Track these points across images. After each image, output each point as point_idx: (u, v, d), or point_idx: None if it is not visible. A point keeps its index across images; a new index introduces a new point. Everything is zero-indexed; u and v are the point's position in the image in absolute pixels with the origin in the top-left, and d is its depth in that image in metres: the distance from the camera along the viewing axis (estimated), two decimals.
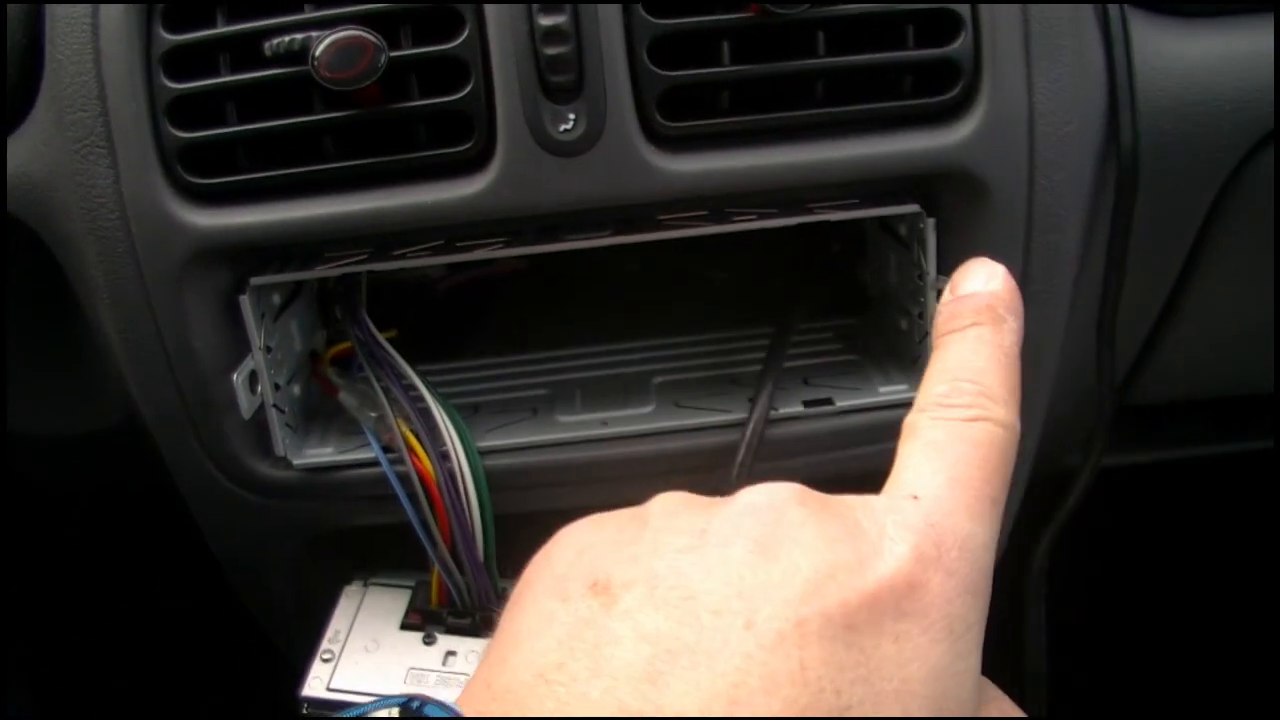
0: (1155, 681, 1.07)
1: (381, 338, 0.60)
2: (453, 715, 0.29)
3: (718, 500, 0.36)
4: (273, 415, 0.58)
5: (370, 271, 0.65)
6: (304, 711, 0.58)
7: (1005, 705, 0.36)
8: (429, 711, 0.28)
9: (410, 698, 0.29)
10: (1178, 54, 0.60)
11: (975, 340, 0.41)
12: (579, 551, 0.35)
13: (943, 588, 0.32)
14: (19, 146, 0.59)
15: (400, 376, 0.58)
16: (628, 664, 0.30)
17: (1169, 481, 0.94)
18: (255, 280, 0.56)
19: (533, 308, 0.74)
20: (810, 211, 0.56)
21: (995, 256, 0.55)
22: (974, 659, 0.32)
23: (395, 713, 0.30)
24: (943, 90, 0.55)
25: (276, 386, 0.59)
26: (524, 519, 0.60)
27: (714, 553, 0.32)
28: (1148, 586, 1.07)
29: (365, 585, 0.63)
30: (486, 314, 0.74)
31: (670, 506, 0.36)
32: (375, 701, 0.37)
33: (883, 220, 0.63)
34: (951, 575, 0.32)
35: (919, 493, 0.35)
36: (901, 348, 0.63)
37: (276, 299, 0.60)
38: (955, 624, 0.31)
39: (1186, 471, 0.84)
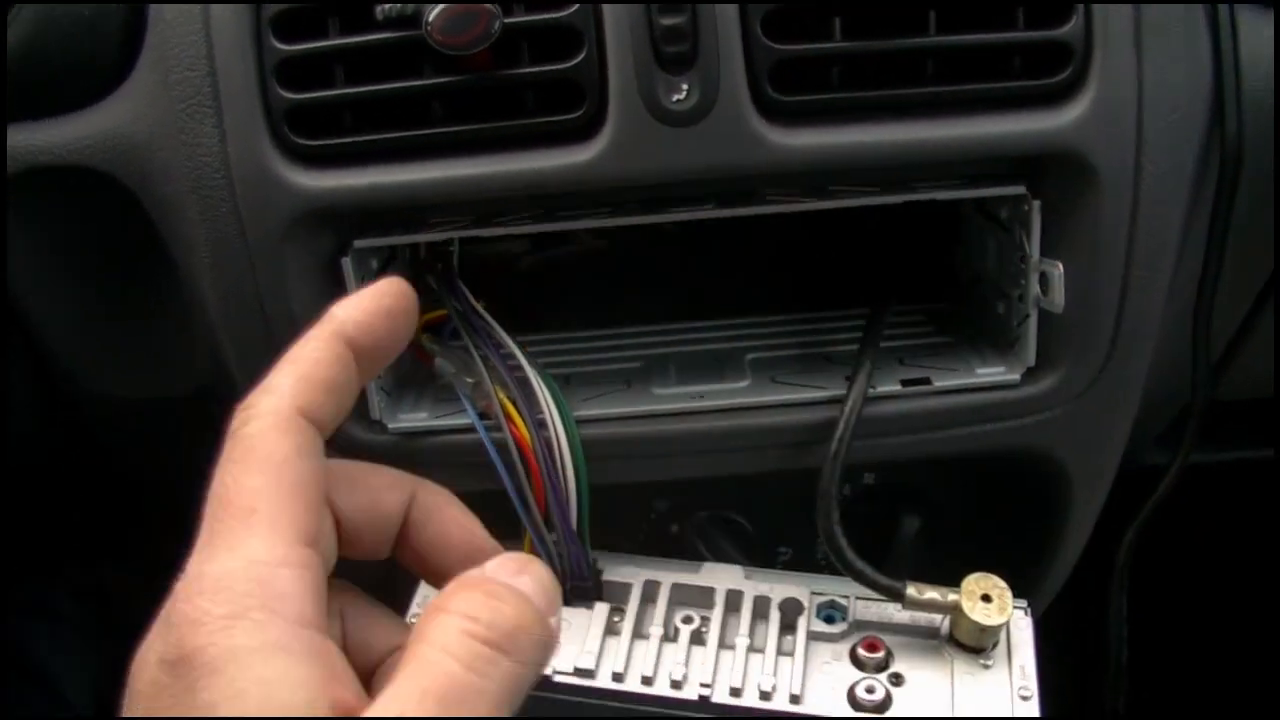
0: (1234, 676, 1.07)
1: (479, 306, 0.60)
2: None
3: None
4: None
5: (459, 246, 0.65)
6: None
7: None
8: None
9: None
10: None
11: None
12: None
13: None
14: (118, 107, 0.60)
15: (498, 345, 0.58)
16: None
17: (1252, 479, 0.94)
18: (359, 243, 0.56)
19: (617, 286, 0.74)
20: (913, 190, 0.56)
21: (1100, 245, 0.56)
22: None
23: None
24: (1053, 72, 0.54)
25: None
26: (612, 492, 0.60)
27: None
28: (1229, 582, 1.07)
29: None
30: (570, 291, 0.74)
31: None
32: None
33: (981, 204, 0.63)
34: None
35: None
36: (998, 331, 0.63)
37: (374, 263, 0.61)
38: None
39: (1269, 471, 0.83)
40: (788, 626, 0.58)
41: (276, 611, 0.33)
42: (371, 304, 0.42)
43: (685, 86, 0.52)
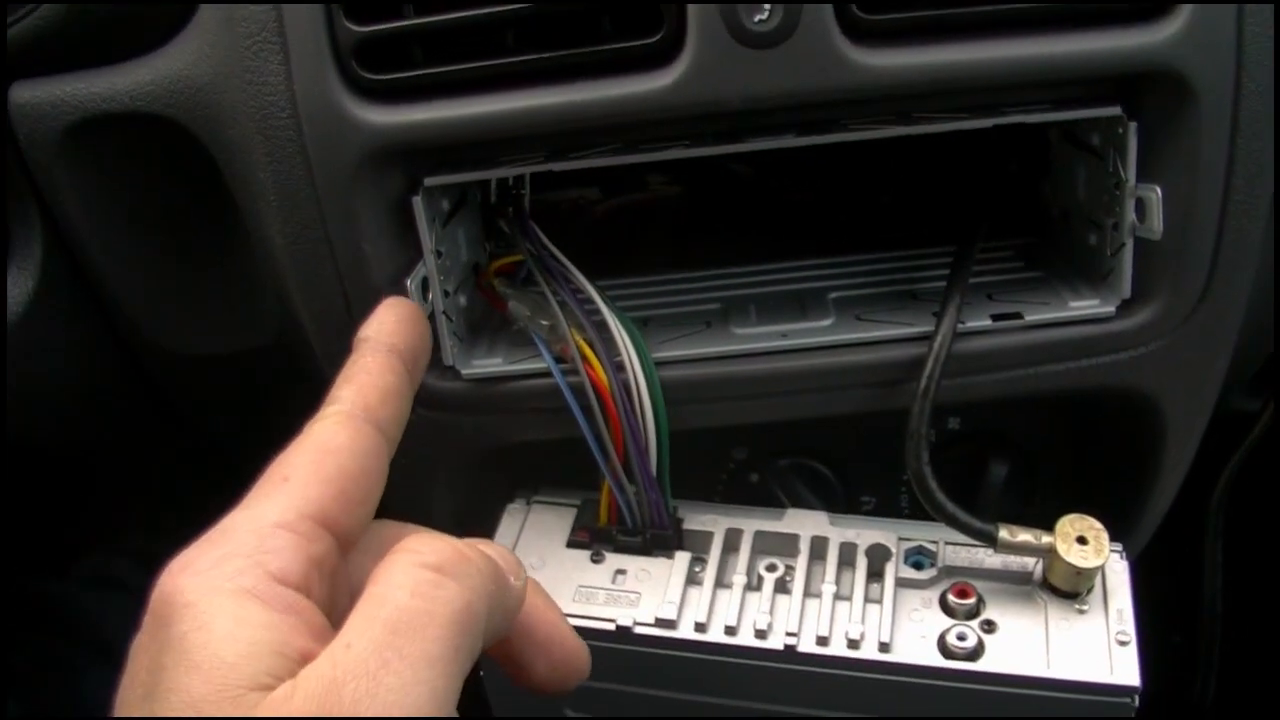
0: None
1: (554, 249, 0.58)
2: None
3: None
4: (442, 323, 0.57)
5: (530, 192, 0.63)
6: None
7: None
8: None
9: None
10: None
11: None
12: None
13: None
14: (181, 50, 0.59)
15: (574, 288, 0.57)
16: None
17: None
18: (429, 180, 0.54)
19: (694, 231, 0.72)
20: (1002, 115, 0.54)
21: (1198, 170, 0.54)
22: None
23: None
24: None
25: (446, 294, 0.57)
26: (690, 440, 0.58)
27: None
28: None
29: (528, 503, 0.61)
30: (644, 238, 0.72)
31: None
32: None
33: (1071, 132, 0.61)
34: None
35: None
36: (1091, 264, 0.60)
37: (445, 204, 0.59)
38: None
39: None
40: (875, 573, 0.56)
41: (260, 564, 0.35)
42: (390, 315, 0.49)
43: (767, 6, 0.50)
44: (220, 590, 0.34)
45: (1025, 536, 0.54)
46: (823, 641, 0.53)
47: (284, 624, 0.34)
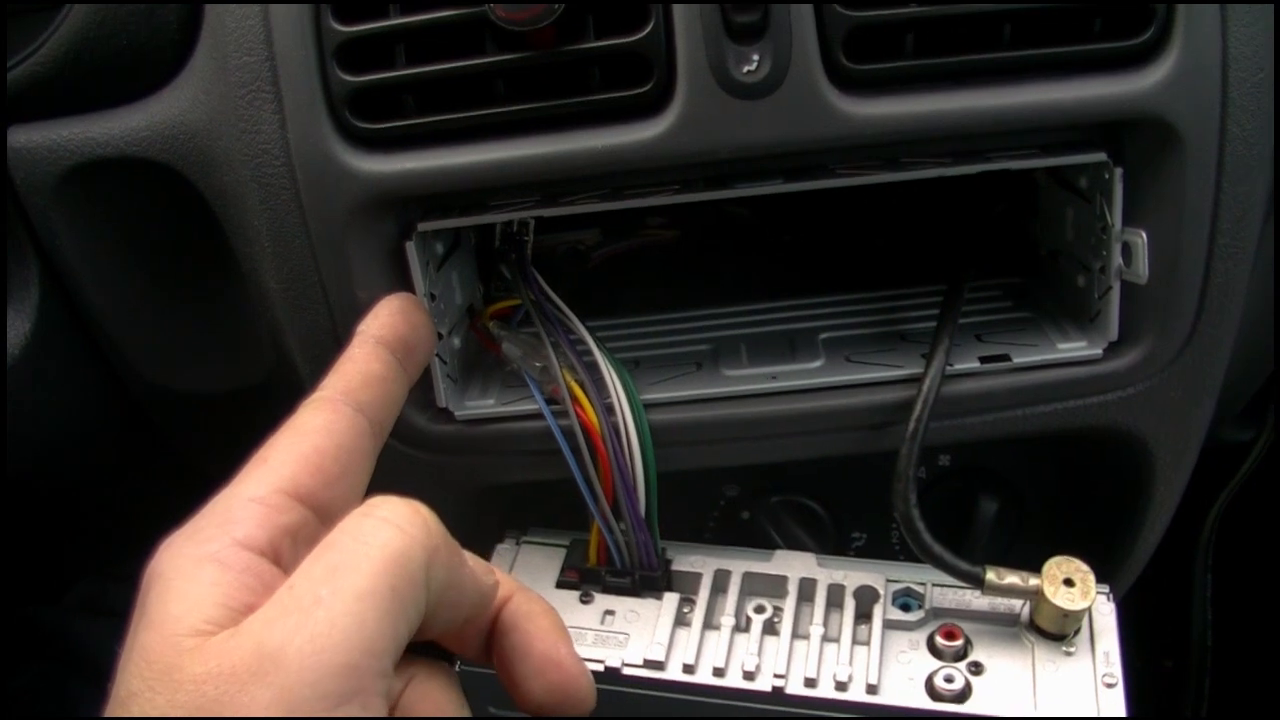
0: None
1: (551, 292, 0.59)
2: None
3: None
4: (435, 365, 0.57)
5: (533, 235, 0.64)
6: (456, 669, 0.57)
7: None
8: None
9: None
10: None
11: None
12: None
13: None
14: (176, 96, 0.59)
15: (568, 331, 0.57)
16: None
17: None
18: (423, 225, 0.55)
19: (690, 273, 0.72)
20: (989, 160, 0.54)
21: (1185, 212, 0.54)
22: None
23: None
24: (1135, 33, 0.52)
25: (440, 336, 0.58)
26: (682, 478, 0.59)
27: None
28: None
29: (518, 543, 0.62)
30: (642, 278, 0.73)
31: None
32: None
33: (1059, 174, 0.61)
34: None
35: None
36: (1079, 305, 0.61)
37: (439, 248, 0.60)
38: None
39: None
40: (863, 615, 0.56)
41: (226, 531, 0.38)
42: (385, 309, 0.51)
43: (756, 57, 0.51)
44: (186, 557, 0.37)
45: (1012, 579, 0.54)
46: (810, 683, 0.53)
47: (234, 581, 0.36)
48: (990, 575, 0.54)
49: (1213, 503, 0.67)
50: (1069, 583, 0.53)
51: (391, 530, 0.37)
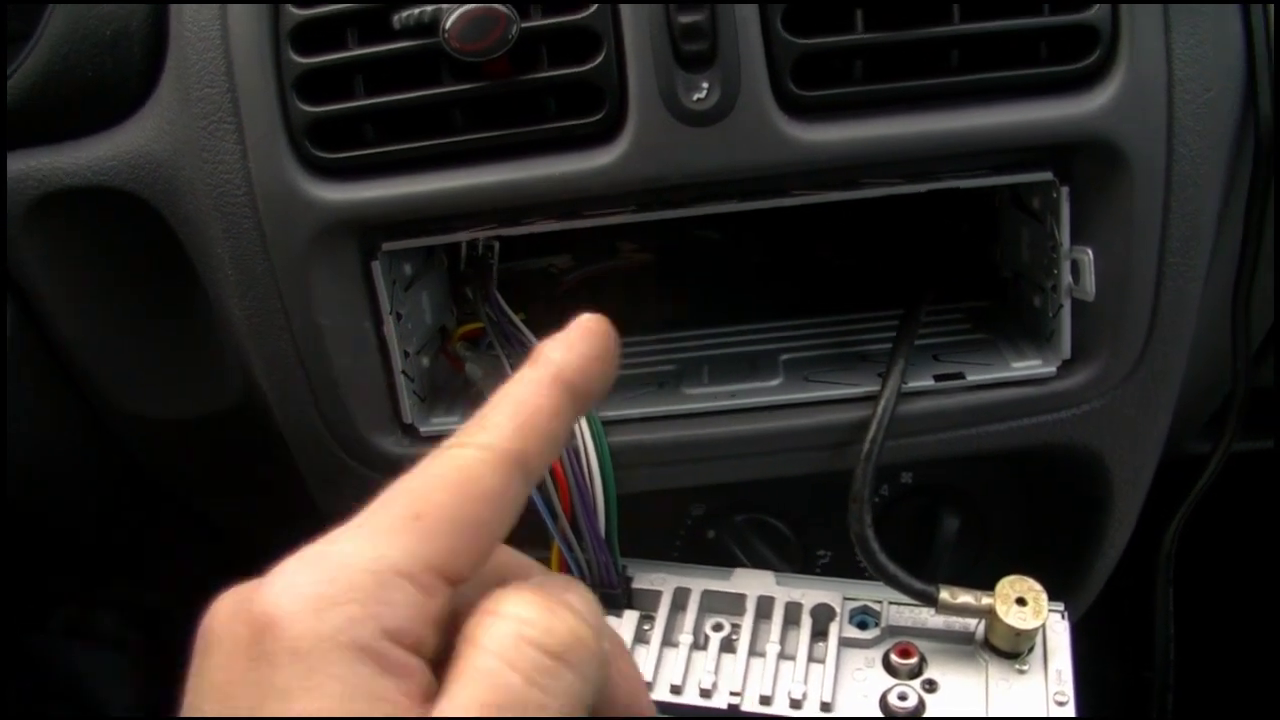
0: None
1: (513, 315, 0.59)
2: None
3: None
4: (401, 381, 0.58)
5: (500, 260, 0.65)
6: None
7: None
8: None
9: None
10: None
11: None
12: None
13: None
14: (141, 127, 0.60)
15: (529, 353, 0.58)
16: None
17: None
18: (388, 245, 0.56)
19: (658, 298, 0.73)
20: (939, 180, 0.55)
21: (1133, 231, 0.55)
22: None
23: None
24: (1080, 56, 0.53)
25: (406, 354, 0.59)
26: (648, 498, 0.59)
27: None
28: (1275, 576, 1.04)
29: None
30: (613, 301, 0.73)
31: None
32: None
33: (1015, 195, 0.62)
34: None
35: None
36: (1035, 325, 0.61)
37: (408, 269, 0.61)
38: None
39: None
40: (819, 633, 0.57)
41: (376, 617, 0.31)
42: (585, 348, 0.40)
43: (705, 85, 0.52)
44: (333, 643, 0.30)
45: (966, 598, 0.54)
46: (766, 701, 0.54)
47: (396, 691, 0.30)
48: (944, 594, 0.54)
49: (1173, 516, 0.67)
50: (1021, 601, 0.54)
51: (570, 680, 0.31)
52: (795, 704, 0.53)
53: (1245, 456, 0.72)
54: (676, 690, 0.55)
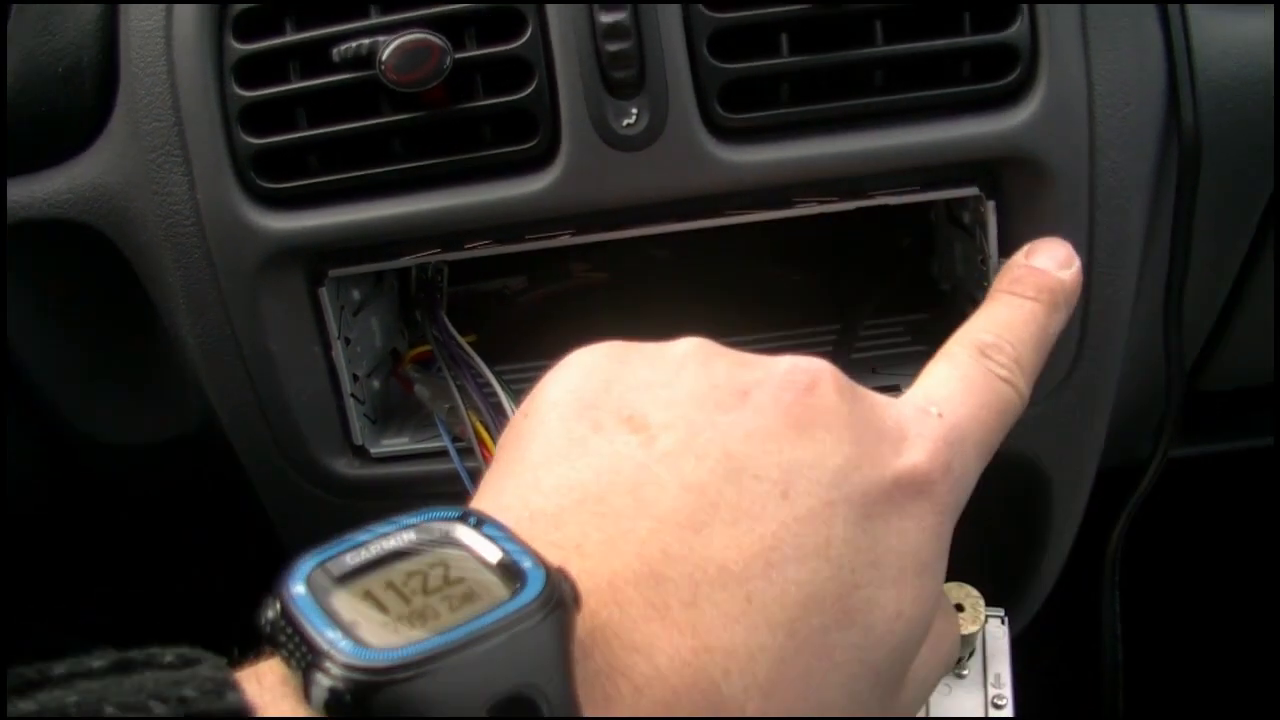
0: (1228, 672, 1.06)
1: (459, 337, 0.61)
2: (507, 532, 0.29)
3: (752, 360, 0.37)
4: (351, 404, 0.60)
5: (451, 282, 0.66)
6: None
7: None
8: (487, 530, 0.28)
9: (465, 512, 0.29)
10: (1238, 34, 0.60)
11: (1029, 314, 0.45)
12: (606, 382, 0.36)
13: (945, 495, 0.36)
14: (96, 159, 0.61)
15: (476, 374, 0.59)
16: (673, 510, 0.31)
17: (1242, 470, 0.93)
18: (334, 272, 0.57)
19: (613, 317, 0.74)
20: (870, 197, 0.57)
21: (1060, 236, 0.56)
22: (948, 543, 0.37)
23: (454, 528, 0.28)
24: (1001, 75, 0.54)
25: (355, 377, 0.60)
26: None
27: (753, 418, 0.33)
28: (1221, 578, 1.06)
29: None
30: (566, 321, 0.75)
31: (704, 355, 0.37)
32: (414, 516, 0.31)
33: (950, 211, 0.63)
34: (953, 489, 0.36)
35: (944, 411, 0.38)
36: None
37: (356, 294, 0.62)
38: (947, 524, 0.36)
39: (1259, 460, 0.82)
40: None
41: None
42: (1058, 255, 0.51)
43: (635, 111, 0.53)
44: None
45: None
46: None
47: None
48: None
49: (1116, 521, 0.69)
50: (960, 607, 0.55)
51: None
52: None
53: (1196, 461, 0.74)
54: None
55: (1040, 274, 0.47)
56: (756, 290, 0.75)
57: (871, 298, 0.66)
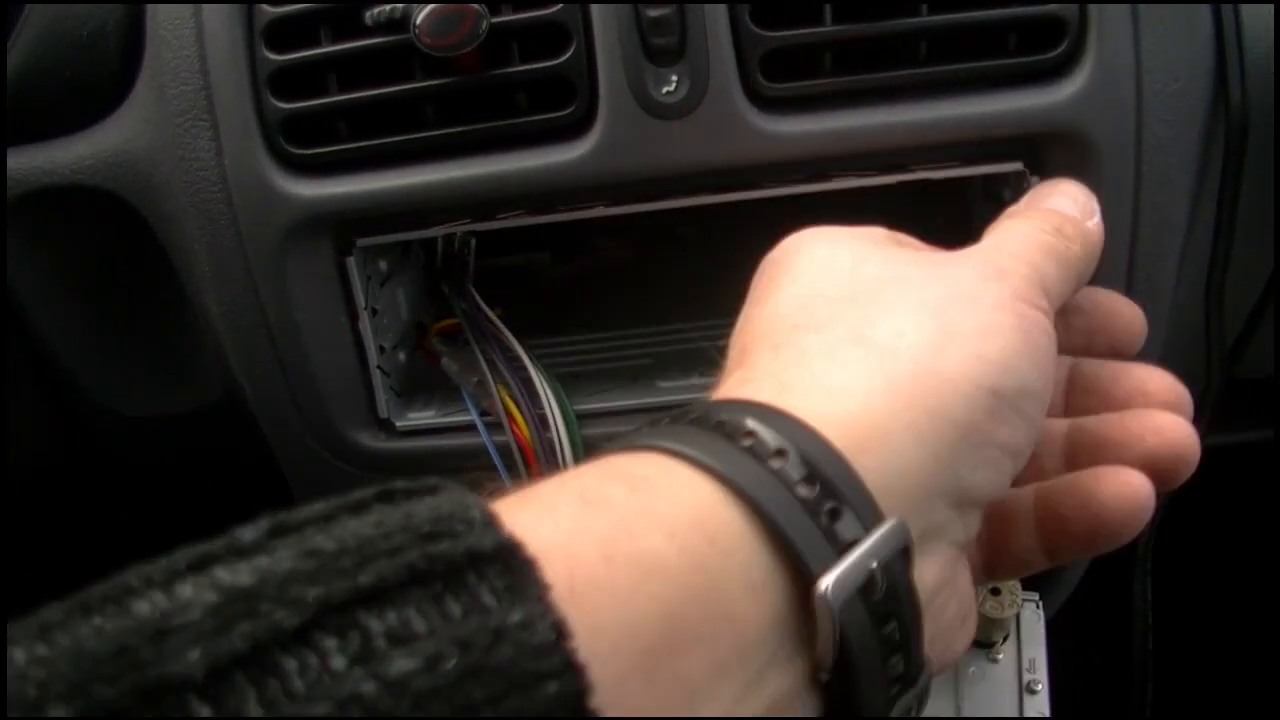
0: (1259, 662, 1.05)
1: (488, 310, 0.60)
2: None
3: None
4: (377, 376, 0.59)
5: (476, 256, 0.65)
6: None
7: None
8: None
9: None
10: None
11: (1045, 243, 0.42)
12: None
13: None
14: (119, 126, 0.60)
15: (504, 348, 0.58)
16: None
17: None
18: (362, 241, 0.56)
19: (637, 293, 0.73)
20: (911, 171, 0.56)
21: (1105, 216, 0.55)
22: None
23: None
24: (1048, 48, 0.53)
25: (381, 349, 0.59)
26: None
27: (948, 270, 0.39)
28: (1255, 568, 1.05)
29: None
30: (592, 297, 0.74)
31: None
32: None
33: (988, 188, 0.62)
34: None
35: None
36: None
37: (383, 265, 0.61)
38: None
39: None
40: None
41: None
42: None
43: (675, 78, 0.52)
44: None
45: None
46: None
47: None
48: None
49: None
50: (995, 591, 0.54)
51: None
52: None
53: (1228, 450, 0.72)
54: None
55: (1052, 214, 0.45)
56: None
57: None
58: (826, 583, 0.27)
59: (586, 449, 0.56)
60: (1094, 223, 0.45)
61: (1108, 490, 0.36)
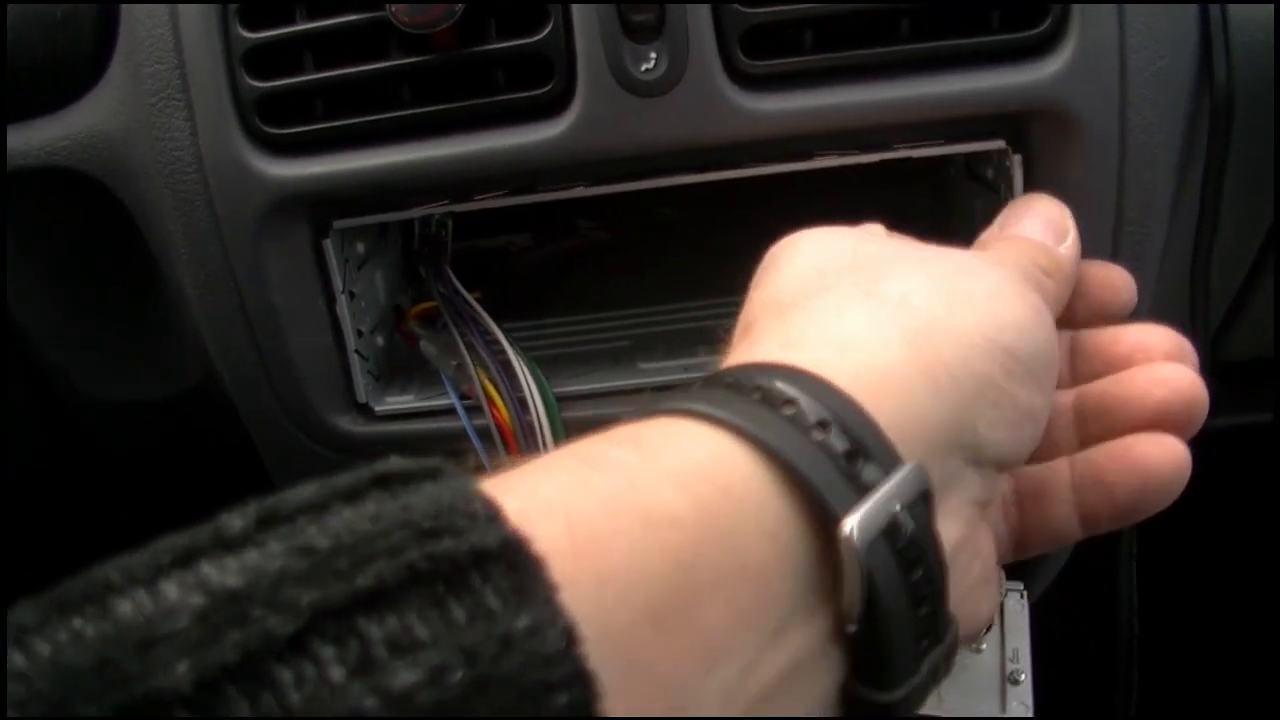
0: (1244, 646, 1.05)
1: (465, 293, 0.59)
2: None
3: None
4: (355, 360, 0.58)
5: (455, 238, 0.65)
6: None
7: None
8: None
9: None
10: None
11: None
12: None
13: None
14: (94, 106, 0.60)
15: (483, 331, 0.58)
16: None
17: (1261, 444, 0.91)
18: (339, 223, 0.56)
19: (618, 275, 0.73)
20: (893, 150, 0.55)
21: (1088, 200, 0.55)
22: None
23: None
24: (1031, 24, 0.53)
25: (359, 333, 0.59)
26: None
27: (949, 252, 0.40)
28: (1239, 551, 1.05)
29: None
30: (572, 279, 0.73)
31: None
32: None
33: (970, 167, 0.62)
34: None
35: None
36: None
37: (360, 248, 0.60)
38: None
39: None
40: None
41: None
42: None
43: (654, 55, 0.51)
44: None
45: None
46: None
47: None
48: None
49: None
50: None
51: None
52: None
53: (1217, 433, 0.72)
54: None
55: (1036, 247, 0.43)
56: (764, 251, 0.74)
57: None
58: (851, 523, 0.26)
59: (567, 431, 0.56)
60: (1068, 245, 0.44)
61: (1152, 453, 0.36)
